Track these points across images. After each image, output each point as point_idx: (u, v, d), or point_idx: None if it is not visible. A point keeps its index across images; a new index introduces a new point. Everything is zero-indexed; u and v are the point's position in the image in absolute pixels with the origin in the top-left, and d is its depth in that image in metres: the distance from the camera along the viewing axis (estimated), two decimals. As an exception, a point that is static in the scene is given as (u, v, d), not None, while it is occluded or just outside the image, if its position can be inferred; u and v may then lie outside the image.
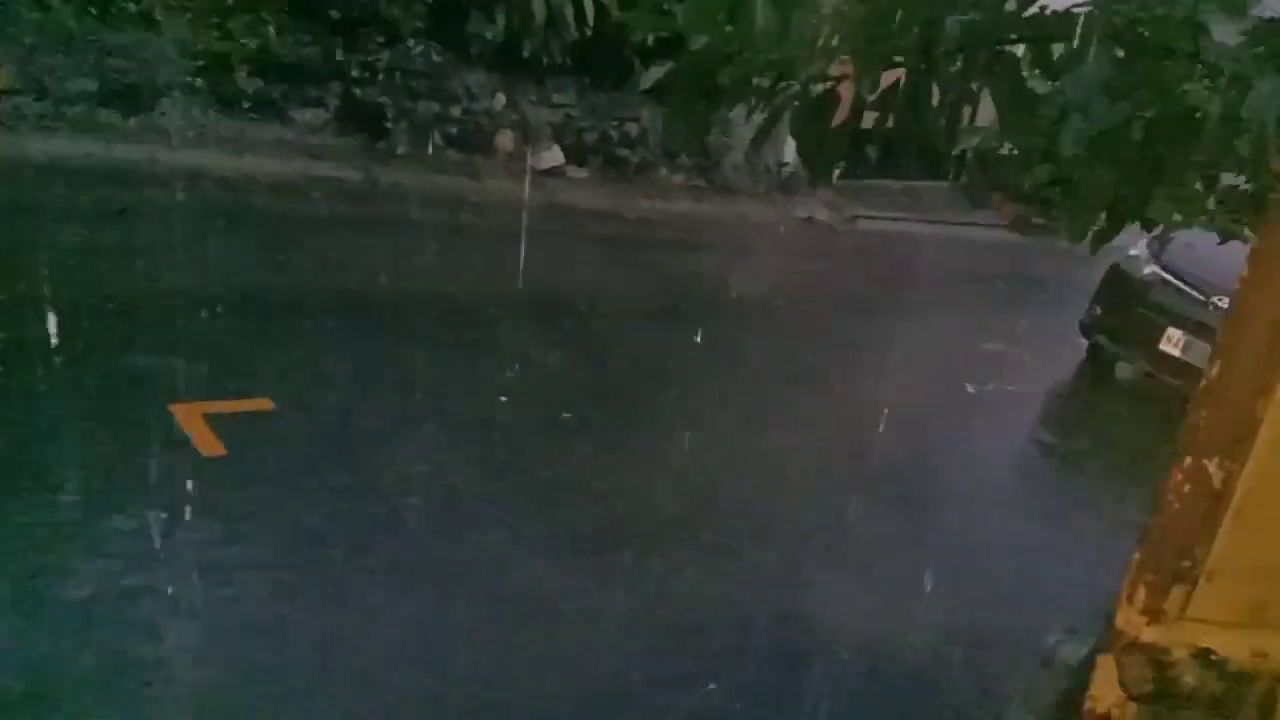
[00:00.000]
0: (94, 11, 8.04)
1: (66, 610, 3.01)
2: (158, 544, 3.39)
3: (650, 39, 6.64)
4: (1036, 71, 2.26)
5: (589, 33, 9.91)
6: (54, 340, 4.60)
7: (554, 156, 10.70)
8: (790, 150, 11.46)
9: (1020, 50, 2.16)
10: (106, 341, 4.73)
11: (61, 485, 3.55)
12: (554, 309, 6.68)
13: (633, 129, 11.23)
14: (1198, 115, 1.99)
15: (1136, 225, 2.70)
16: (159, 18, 8.29)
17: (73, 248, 5.80)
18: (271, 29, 8.74)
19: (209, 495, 3.68)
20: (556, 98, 10.60)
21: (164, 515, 3.49)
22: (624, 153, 11.24)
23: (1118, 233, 2.67)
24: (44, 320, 4.75)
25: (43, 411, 4.03)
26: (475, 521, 3.98)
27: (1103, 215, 2.64)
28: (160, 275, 5.67)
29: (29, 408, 4.05)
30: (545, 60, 10.05)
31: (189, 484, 3.70)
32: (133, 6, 8.17)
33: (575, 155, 10.88)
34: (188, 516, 3.54)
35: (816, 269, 10.20)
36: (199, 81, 8.52)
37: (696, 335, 6.78)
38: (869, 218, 11.95)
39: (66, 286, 5.21)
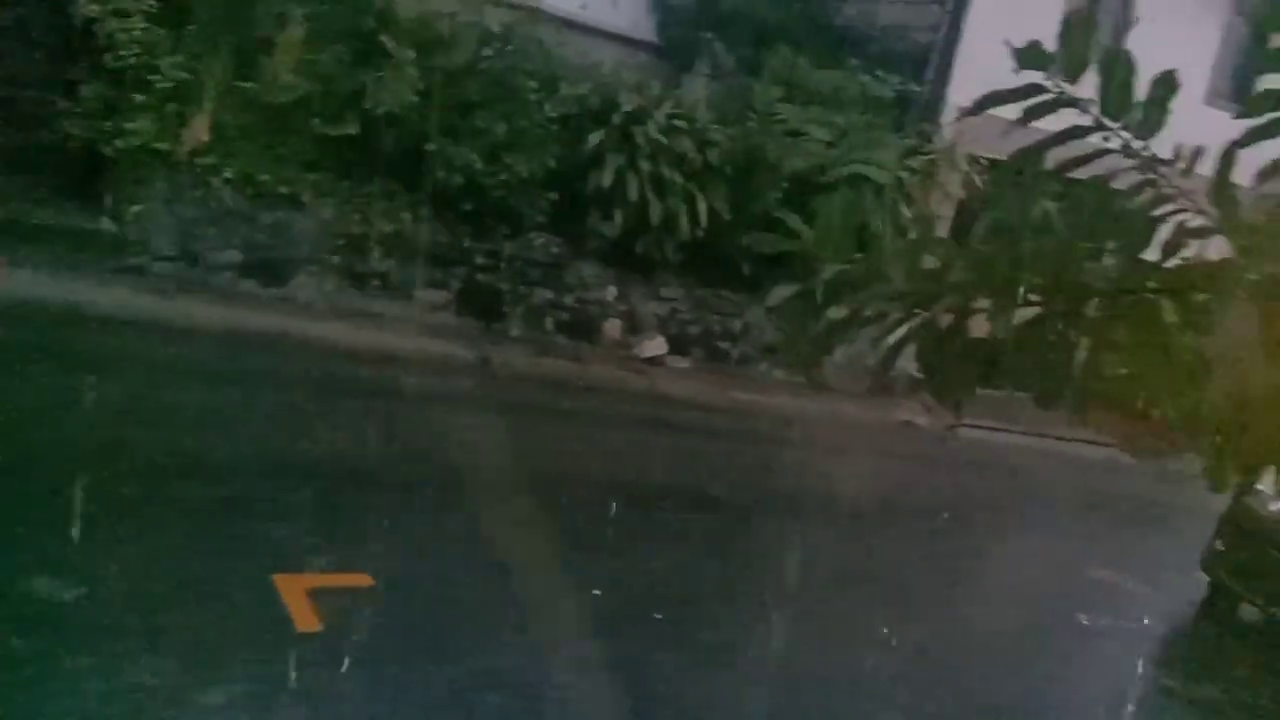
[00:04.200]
0: (250, 192, 8.76)
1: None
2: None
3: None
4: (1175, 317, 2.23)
5: (700, 234, 10.35)
6: (166, 501, 4.78)
7: (657, 346, 10.95)
8: (892, 354, 11.44)
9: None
10: (208, 506, 4.88)
11: (169, 650, 3.60)
12: (646, 502, 6.63)
13: (735, 324, 11.47)
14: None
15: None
16: (306, 201, 8.98)
17: (188, 409, 6.12)
18: (408, 216, 9.37)
19: (299, 673, 3.66)
20: (665, 292, 10.97)
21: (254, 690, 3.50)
22: (725, 345, 11.45)
23: (1256, 478, 2.57)
24: (159, 481, 4.96)
25: (157, 574, 4.13)
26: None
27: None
28: (267, 443, 5.89)
29: (146, 568, 4.15)
30: (657, 257, 10.48)
31: (282, 661, 3.70)
32: (284, 189, 8.87)
33: (678, 345, 11.12)
34: (275, 694, 3.54)
35: (914, 478, 9.96)
36: (335, 259, 9.11)
37: (786, 540, 6.61)
38: (969, 426, 11.74)
39: (174, 448, 5.48)
